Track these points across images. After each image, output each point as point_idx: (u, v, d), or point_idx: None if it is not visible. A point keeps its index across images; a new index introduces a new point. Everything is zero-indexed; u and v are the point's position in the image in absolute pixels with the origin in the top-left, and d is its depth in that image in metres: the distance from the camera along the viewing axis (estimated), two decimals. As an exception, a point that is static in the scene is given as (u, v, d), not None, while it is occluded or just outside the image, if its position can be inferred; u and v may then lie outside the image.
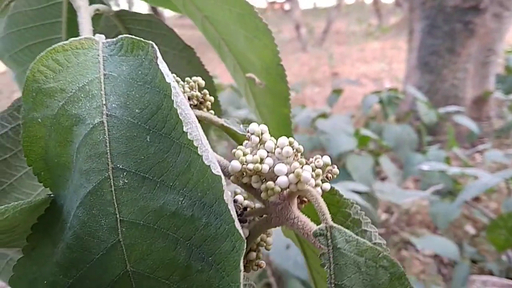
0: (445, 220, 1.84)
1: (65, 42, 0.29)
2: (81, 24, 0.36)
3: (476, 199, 2.42)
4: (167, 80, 0.25)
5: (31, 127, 0.28)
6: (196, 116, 0.31)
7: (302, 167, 0.24)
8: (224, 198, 0.23)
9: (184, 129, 0.24)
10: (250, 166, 0.24)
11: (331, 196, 0.31)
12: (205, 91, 0.31)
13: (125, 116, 0.27)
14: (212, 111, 0.33)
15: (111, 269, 0.25)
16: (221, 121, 0.31)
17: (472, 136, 2.96)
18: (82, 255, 0.26)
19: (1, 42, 0.47)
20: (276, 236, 0.32)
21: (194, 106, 0.31)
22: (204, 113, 0.31)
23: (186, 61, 0.47)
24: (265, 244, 0.27)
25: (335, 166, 0.27)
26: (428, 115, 2.91)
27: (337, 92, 3.96)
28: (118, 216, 0.25)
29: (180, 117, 0.24)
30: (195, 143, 0.24)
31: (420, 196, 1.87)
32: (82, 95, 0.27)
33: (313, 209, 0.32)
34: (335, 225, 0.23)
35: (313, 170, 0.26)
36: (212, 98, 0.32)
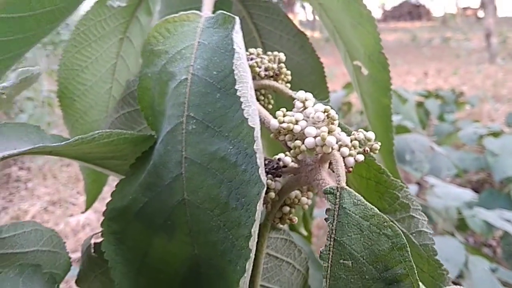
0: None
1: (176, 15, 0.36)
2: (204, 4, 0.43)
3: None
4: (234, 46, 0.30)
5: (144, 80, 0.37)
6: (270, 86, 0.35)
7: (329, 132, 0.26)
8: (254, 147, 0.27)
9: (236, 87, 0.29)
10: (284, 125, 0.27)
11: (379, 175, 0.32)
12: (282, 64, 0.35)
13: (205, 76, 0.33)
14: (288, 84, 0.36)
15: (174, 195, 0.32)
16: (290, 92, 0.34)
17: None
18: (156, 180, 0.32)
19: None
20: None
21: (270, 77, 0.35)
22: (276, 83, 0.35)
23: (299, 46, 0.51)
24: (299, 203, 0.30)
25: (378, 143, 0.29)
26: None
27: (521, 110, 3.45)
28: (183, 153, 0.31)
29: (236, 77, 0.29)
30: (241, 99, 0.28)
31: None
32: (179, 57, 0.34)
33: (374, 195, 0.33)
34: (346, 187, 0.25)
35: (351, 141, 0.28)
36: (289, 72, 0.36)
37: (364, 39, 0.45)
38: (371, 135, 0.28)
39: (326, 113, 0.27)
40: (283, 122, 0.27)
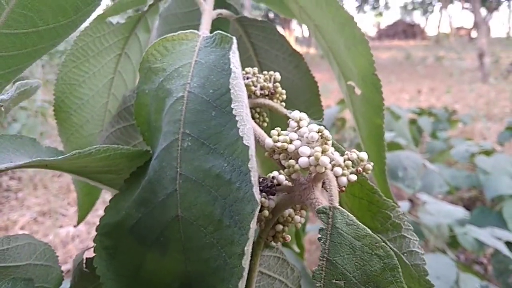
0: None
1: (174, 33, 0.37)
2: (202, 24, 0.44)
3: None
4: (231, 66, 0.31)
5: (141, 96, 0.37)
6: (265, 104, 0.36)
7: (323, 152, 0.26)
8: (249, 165, 0.27)
9: (232, 106, 0.29)
10: (279, 144, 0.28)
11: (372, 195, 0.32)
12: (277, 84, 0.36)
13: (201, 94, 0.33)
14: (283, 103, 0.37)
15: (168, 211, 0.32)
16: (285, 111, 0.35)
17: None
18: (151, 196, 0.33)
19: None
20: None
21: (265, 96, 0.36)
22: (271, 102, 0.35)
23: (294, 65, 0.52)
24: (293, 221, 0.31)
25: (371, 163, 0.29)
26: None
27: (512, 129, 3.50)
28: (178, 170, 0.31)
29: (232, 96, 0.29)
30: (237, 117, 0.29)
31: None
32: (176, 75, 0.35)
33: (367, 215, 0.33)
34: (339, 207, 0.25)
35: (344, 161, 0.28)
36: (284, 91, 0.36)
37: (358, 60, 0.46)
38: (364, 155, 0.29)
39: (320, 133, 0.27)
40: (278, 141, 0.28)
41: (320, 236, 0.25)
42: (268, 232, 0.31)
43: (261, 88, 0.35)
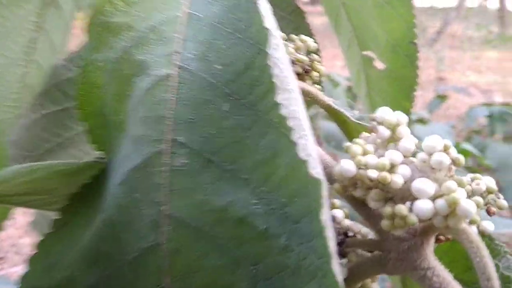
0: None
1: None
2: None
3: None
4: (266, 25, 0.17)
5: (91, 71, 0.22)
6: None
7: (459, 191, 0.14)
8: (320, 216, 0.14)
9: (277, 99, 0.16)
10: (372, 174, 0.15)
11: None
12: (315, 56, 0.23)
13: (202, 71, 0.19)
14: (319, 86, 0.24)
15: (144, 279, 0.18)
16: (329, 100, 0.22)
17: None
18: (112, 250, 0.19)
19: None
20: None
21: (297, 75, 0.22)
22: (308, 86, 0.22)
23: (294, 27, 0.39)
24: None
25: (501, 196, 0.18)
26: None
27: (441, 98, 3.65)
28: (163, 207, 0.18)
29: (274, 80, 0.16)
30: (288, 122, 0.15)
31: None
32: (153, 37, 0.20)
33: (461, 264, 0.22)
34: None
35: (469, 197, 0.16)
36: (322, 69, 0.23)
37: (392, 23, 0.34)
38: (491, 183, 0.17)
39: (446, 152, 0.15)
40: (366, 165, 0.15)
41: None
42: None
43: (292, 63, 0.22)
